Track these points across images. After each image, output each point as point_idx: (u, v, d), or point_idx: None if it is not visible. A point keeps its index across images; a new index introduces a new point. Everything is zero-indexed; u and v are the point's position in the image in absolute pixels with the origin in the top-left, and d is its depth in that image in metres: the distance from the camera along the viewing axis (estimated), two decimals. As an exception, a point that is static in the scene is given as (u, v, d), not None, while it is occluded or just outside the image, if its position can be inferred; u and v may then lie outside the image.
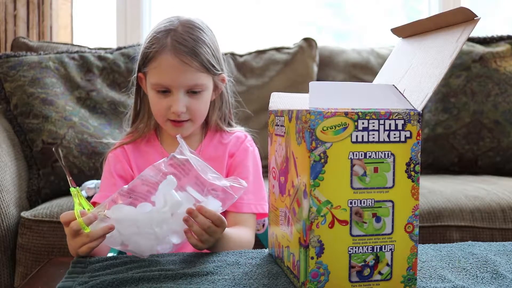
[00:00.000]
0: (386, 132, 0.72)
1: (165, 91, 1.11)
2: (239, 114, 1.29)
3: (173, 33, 1.10)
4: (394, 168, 0.73)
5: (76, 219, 0.86)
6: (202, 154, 1.19)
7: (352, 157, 0.71)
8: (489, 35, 2.15)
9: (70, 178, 0.93)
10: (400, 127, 0.72)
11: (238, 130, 1.25)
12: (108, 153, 1.20)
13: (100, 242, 0.88)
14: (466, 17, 0.74)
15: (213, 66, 1.12)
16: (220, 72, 1.16)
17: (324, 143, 0.70)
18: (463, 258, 0.90)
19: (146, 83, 1.16)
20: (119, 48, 1.99)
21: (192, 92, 1.11)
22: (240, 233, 1.08)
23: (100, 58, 1.94)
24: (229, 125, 1.24)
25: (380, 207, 0.73)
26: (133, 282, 0.77)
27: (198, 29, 1.12)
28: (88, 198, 1.60)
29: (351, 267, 0.73)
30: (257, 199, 1.16)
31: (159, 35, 1.11)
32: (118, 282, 0.77)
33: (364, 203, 0.72)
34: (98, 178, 1.71)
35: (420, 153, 0.73)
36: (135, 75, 1.18)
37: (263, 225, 1.28)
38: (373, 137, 0.72)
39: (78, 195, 0.90)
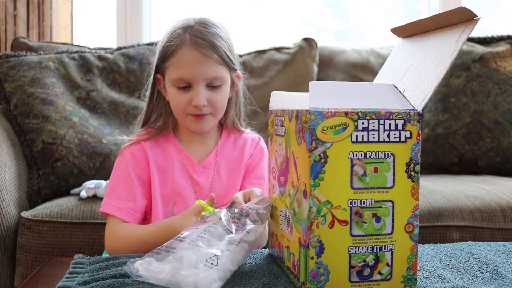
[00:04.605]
0: (386, 132, 0.72)
1: (186, 87, 1.12)
2: (247, 111, 1.29)
3: (190, 29, 1.12)
4: (394, 168, 0.73)
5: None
6: (220, 154, 1.19)
7: (352, 157, 0.71)
8: (489, 35, 2.15)
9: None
10: (400, 127, 0.72)
11: (250, 132, 1.27)
12: (124, 149, 1.17)
13: None
14: (466, 17, 0.74)
15: (231, 60, 1.14)
16: (236, 68, 1.17)
17: (324, 143, 0.70)
18: (463, 258, 0.90)
19: (164, 84, 1.16)
20: (119, 48, 1.99)
21: (212, 86, 1.12)
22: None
23: (100, 58, 1.94)
24: (241, 124, 1.25)
25: (380, 207, 0.73)
26: (134, 282, 0.77)
27: (214, 25, 1.15)
28: (88, 198, 1.60)
29: (351, 267, 0.73)
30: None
31: (177, 31, 1.13)
32: (119, 284, 0.77)
33: (364, 203, 0.72)
34: (98, 178, 1.72)
35: (420, 153, 0.73)
36: (151, 77, 1.18)
37: None
38: (373, 137, 0.72)
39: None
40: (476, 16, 0.73)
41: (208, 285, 0.72)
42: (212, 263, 0.75)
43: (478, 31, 2.06)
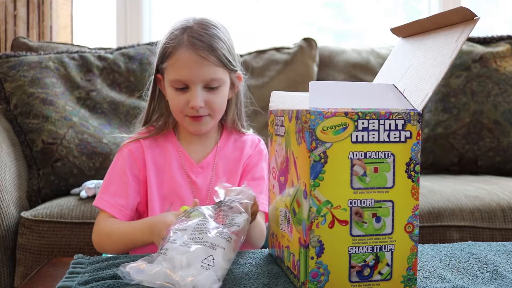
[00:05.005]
0: (386, 132, 0.72)
1: (183, 88, 1.12)
2: (248, 111, 1.29)
3: (189, 30, 1.12)
4: (394, 168, 0.73)
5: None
6: (219, 154, 1.19)
7: (352, 157, 0.71)
8: (489, 35, 2.15)
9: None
10: (400, 127, 0.72)
11: (251, 134, 1.26)
12: (123, 146, 1.18)
13: None
14: (465, 17, 0.74)
15: (230, 62, 1.13)
16: (236, 69, 1.17)
17: (324, 143, 0.70)
18: (463, 258, 0.90)
19: (164, 84, 1.16)
20: (119, 48, 1.99)
21: (210, 87, 1.12)
22: (262, 223, 1.10)
23: (100, 58, 1.94)
24: (242, 126, 1.25)
25: (380, 207, 0.73)
26: (133, 283, 0.77)
27: (213, 26, 1.14)
28: (88, 198, 1.60)
29: (351, 267, 0.73)
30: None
31: (176, 32, 1.12)
32: (119, 284, 0.77)
33: (364, 203, 0.72)
34: (98, 178, 1.72)
35: (420, 153, 0.73)
36: (152, 76, 1.18)
37: None
38: (373, 137, 0.72)
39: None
40: (476, 15, 0.73)
41: (209, 286, 0.72)
42: (208, 264, 0.75)
43: (478, 31, 2.06)
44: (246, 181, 1.20)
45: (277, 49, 2.16)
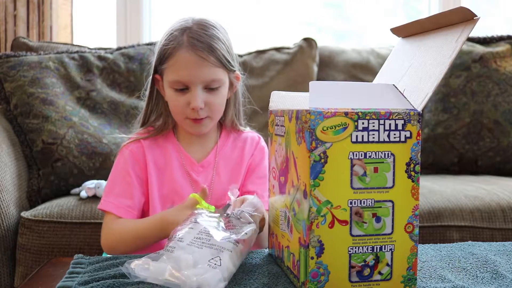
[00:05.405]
0: (386, 132, 0.72)
1: (183, 89, 1.12)
2: (247, 111, 1.29)
3: (189, 31, 1.12)
4: (394, 168, 0.73)
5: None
6: (219, 154, 1.19)
7: (352, 157, 0.71)
8: (489, 35, 2.15)
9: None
10: (400, 127, 0.72)
11: (249, 131, 1.26)
12: (123, 147, 1.18)
13: None
14: (465, 17, 0.74)
15: (229, 62, 1.14)
16: (235, 69, 1.17)
17: (324, 143, 0.70)
18: (463, 258, 0.90)
19: (162, 84, 1.16)
20: (119, 48, 1.99)
21: (210, 88, 1.12)
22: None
23: (100, 58, 1.94)
24: (240, 124, 1.25)
25: (380, 207, 0.73)
26: (134, 283, 0.77)
27: (212, 26, 1.14)
28: (88, 198, 1.60)
29: (351, 267, 0.73)
30: None
31: (175, 33, 1.12)
32: (119, 284, 0.77)
33: (364, 203, 0.72)
34: (98, 178, 1.72)
35: (420, 153, 0.73)
36: (150, 77, 1.18)
37: None
38: (373, 137, 0.72)
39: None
40: (476, 15, 0.73)
41: (215, 285, 0.72)
42: (215, 264, 0.75)
43: (478, 31, 2.06)
44: (251, 180, 1.20)
45: (277, 49, 2.16)
